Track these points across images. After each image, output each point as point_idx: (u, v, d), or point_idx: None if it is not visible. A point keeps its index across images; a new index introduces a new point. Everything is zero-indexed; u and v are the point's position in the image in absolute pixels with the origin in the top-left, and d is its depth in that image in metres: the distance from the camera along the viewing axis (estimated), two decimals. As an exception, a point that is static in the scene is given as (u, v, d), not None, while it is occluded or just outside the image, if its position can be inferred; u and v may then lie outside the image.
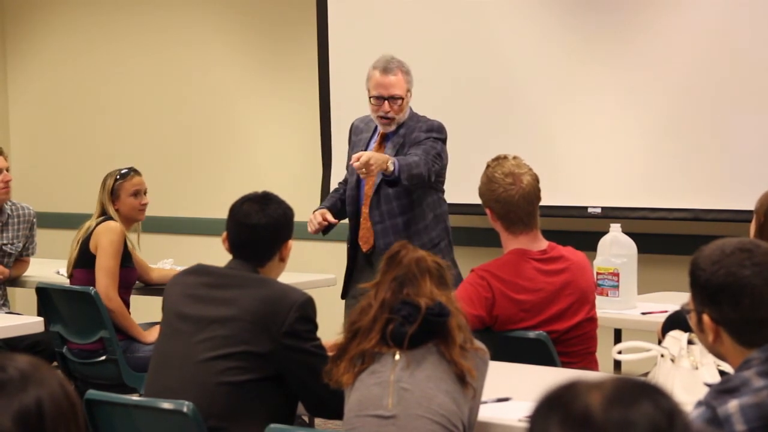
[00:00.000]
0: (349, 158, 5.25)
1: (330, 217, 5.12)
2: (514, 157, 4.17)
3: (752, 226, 4.01)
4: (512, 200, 4.06)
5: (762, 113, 5.70)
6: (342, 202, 5.27)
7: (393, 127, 5.08)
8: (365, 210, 5.13)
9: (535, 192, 4.10)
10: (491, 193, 4.10)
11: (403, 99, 5.05)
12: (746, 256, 2.39)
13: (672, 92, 5.89)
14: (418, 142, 5.00)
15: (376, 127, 5.17)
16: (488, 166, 4.17)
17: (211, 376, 3.45)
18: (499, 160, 4.16)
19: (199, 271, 3.67)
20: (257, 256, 3.61)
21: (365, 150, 5.10)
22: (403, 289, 3.08)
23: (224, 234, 3.67)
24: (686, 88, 5.85)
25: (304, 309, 3.48)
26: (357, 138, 5.24)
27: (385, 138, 5.13)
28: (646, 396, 1.47)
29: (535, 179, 4.11)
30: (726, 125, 5.78)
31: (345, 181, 5.31)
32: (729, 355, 2.44)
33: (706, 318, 2.43)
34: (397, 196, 5.03)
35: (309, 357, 3.42)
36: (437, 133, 5.05)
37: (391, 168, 4.79)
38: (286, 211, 3.67)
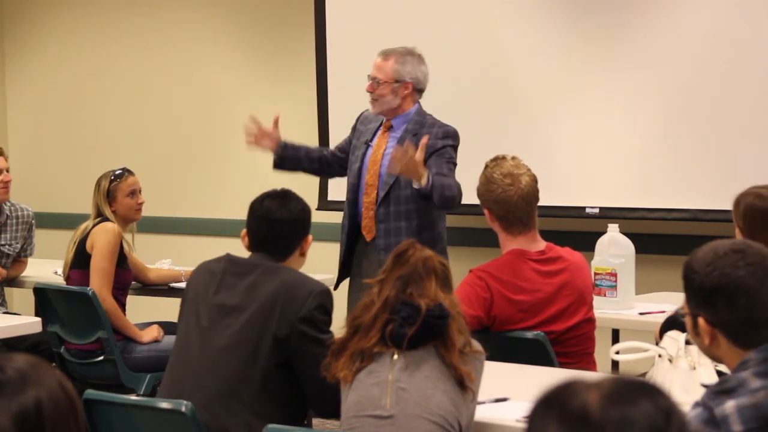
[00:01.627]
0: (347, 141, 5.29)
1: (274, 135, 5.29)
2: (513, 158, 4.17)
3: (737, 234, 4.01)
4: (511, 201, 4.06)
5: (760, 113, 5.71)
6: (306, 155, 5.35)
7: (377, 109, 5.07)
8: (366, 199, 5.11)
9: (533, 192, 4.10)
10: (490, 193, 4.10)
11: (380, 82, 5.04)
12: (739, 256, 2.39)
13: (670, 93, 5.89)
14: (435, 150, 4.93)
15: (383, 119, 5.16)
16: (486, 166, 4.18)
17: (232, 364, 3.50)
18: (498, 160, 4.16)
19: (227, 260, 3.73)
20: (279, 250, 3.70)
21: (372, 139, 5.12)
22: (407, 288, 3.08)
23: (243, 231, 3.75)
24: (685, 88, 5.86)
25: (323, 297, 3.56)
26: (365, 128, 5.22)
27: (389, 128, 5.12)
28: (644, 395, 1.47)
29: (534, 180, 4.11)
30: (724, 126, 5.78)
31: (333, 154, 5.36)
32: (726, 357, 2.44)
33: (701, 321, 2.43)
34: (406, 201, 5.03)
35: (319, 349, 3.42)
36: (453, 140, 5.01)
37: (424, 182, 4.73)
38: (305, 207, 3.81)
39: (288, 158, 5.35)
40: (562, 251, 4.15)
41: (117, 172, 5.50)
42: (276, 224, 3.69)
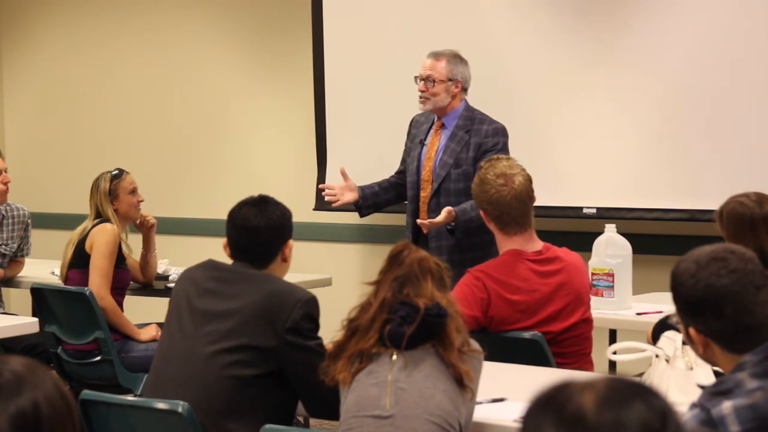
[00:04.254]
0: (406, 150, 5.52)
1: (344, 185, 5.48)
2: (507, 159, 4.18)
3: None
4: (504, 201, 4.06)
5: (756, 113, 5.71)
6: (381, 187, 5.56)
7: (428, 106, 5.34)
8: (422, 194, 5.33)
9: (527, 192, 4.10)
10: (484, 194, 4.11)
11: (435, 82, 5.30)
12: (721, 264, 2.39)
13: (667, 93, 5.89)
14: (487, 150, 5.20)
15: (434, 119, 5.40)
16: (481, 167, 4.19)
17: (214, 371, 3.47)
18: (492, 161, 4.18)
19: (209, 266, 3.71)
20: (260, 258, 3.65)
21: (425, 138, 5.38)
22: (404, 289, 3.08)
23: (225, 240, 3.71)
24: (681, 88, 5.86)
25: (309, 306, 3.53)
26: (417, 130, 5.48)
27: (441, 126, 5.36)
28: (639, 396, 1.47)
29: (528, 179, 4.12)
30: (721, 125, 5.78)
31: (398, 173, 5.57)
32: (721, 363, 2.44)
33: (693, 331, 2.44)
34: (457, 193, 5.22)
35: (310, 355, 3.43)
36: (502, 137, 5.30)
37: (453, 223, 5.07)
38: (284, 212, 3.72)
39: (367, 197, 5.54)
40: (559, 251, 4.15)
41: (115, 172, 5.52)
42: (254, 232, 3.64)
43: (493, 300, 4.02)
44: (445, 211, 4.99)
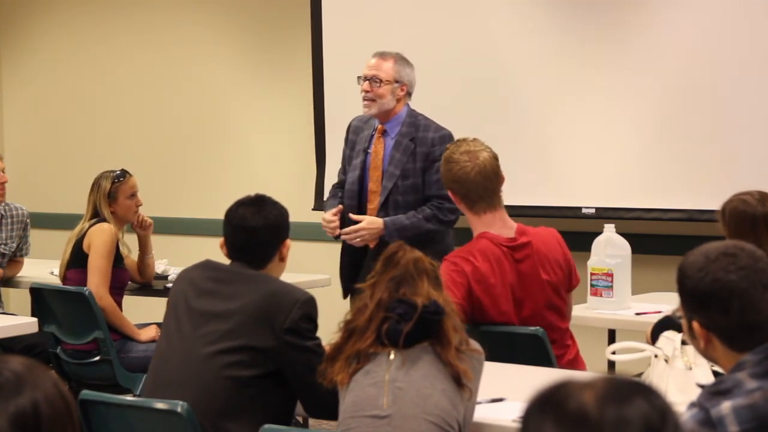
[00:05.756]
0: (346, 158, 5.29)
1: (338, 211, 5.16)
2: (474, 139, 4.19)
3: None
4: (468, 177, 4.05)
5: (756, 113, 5.71)
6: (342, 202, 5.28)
7: (373, 111, 5.10)
8: (370, 206, 5.13)
9: (492, 168, 4.08)
10: (449, 173, 4.12)
11: (382, 82, 5.08)
12: (731, 260, 2.39)
13: (666, 93, 5.90)
14: (435, 159, 4.93)
15: (375, 125, 5.19)
16: (447, 149, 4.20)
17: (212, 371, 3.47)
18: (458, 142, 4.21)
19: (207, 266, 3.70)
20: (257, 258, 3.64)
21: (369, 146, 5.16)
22: (400, 289, 3.08)
23: (222, 240, 3.70)
24: (681, 88, 5.86)
25: (307, 307, 3.52)
26: (357, 137, 5.25)
27: (383, 133, 5.16)
28: (639, 393, 1.48)
29: (493, 156, 4.11)
30: (720, 125, 5.79)
31: (340, 184, 5.33)
32: (721, 360, 2.44)
33: (696, 325, 2.43)
34: (406, 206, 5.06)
35: (309, 355, 3.43)
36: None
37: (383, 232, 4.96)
38: (282, 211, 3.71)
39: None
40: (531, 235, 4.13)
41: (118, 173, 5.50)
42: (252, 232, 3.62)
43: (471, 284, 4.01)
44: (375, 223, 4.93)
